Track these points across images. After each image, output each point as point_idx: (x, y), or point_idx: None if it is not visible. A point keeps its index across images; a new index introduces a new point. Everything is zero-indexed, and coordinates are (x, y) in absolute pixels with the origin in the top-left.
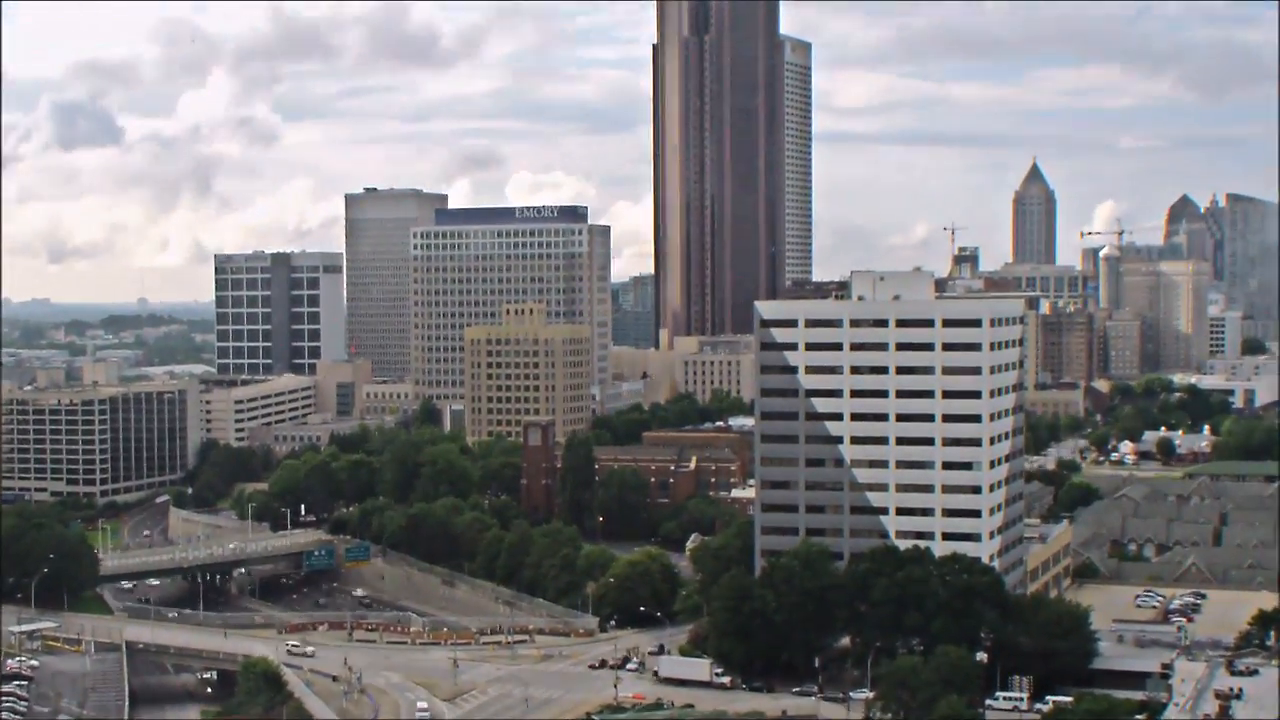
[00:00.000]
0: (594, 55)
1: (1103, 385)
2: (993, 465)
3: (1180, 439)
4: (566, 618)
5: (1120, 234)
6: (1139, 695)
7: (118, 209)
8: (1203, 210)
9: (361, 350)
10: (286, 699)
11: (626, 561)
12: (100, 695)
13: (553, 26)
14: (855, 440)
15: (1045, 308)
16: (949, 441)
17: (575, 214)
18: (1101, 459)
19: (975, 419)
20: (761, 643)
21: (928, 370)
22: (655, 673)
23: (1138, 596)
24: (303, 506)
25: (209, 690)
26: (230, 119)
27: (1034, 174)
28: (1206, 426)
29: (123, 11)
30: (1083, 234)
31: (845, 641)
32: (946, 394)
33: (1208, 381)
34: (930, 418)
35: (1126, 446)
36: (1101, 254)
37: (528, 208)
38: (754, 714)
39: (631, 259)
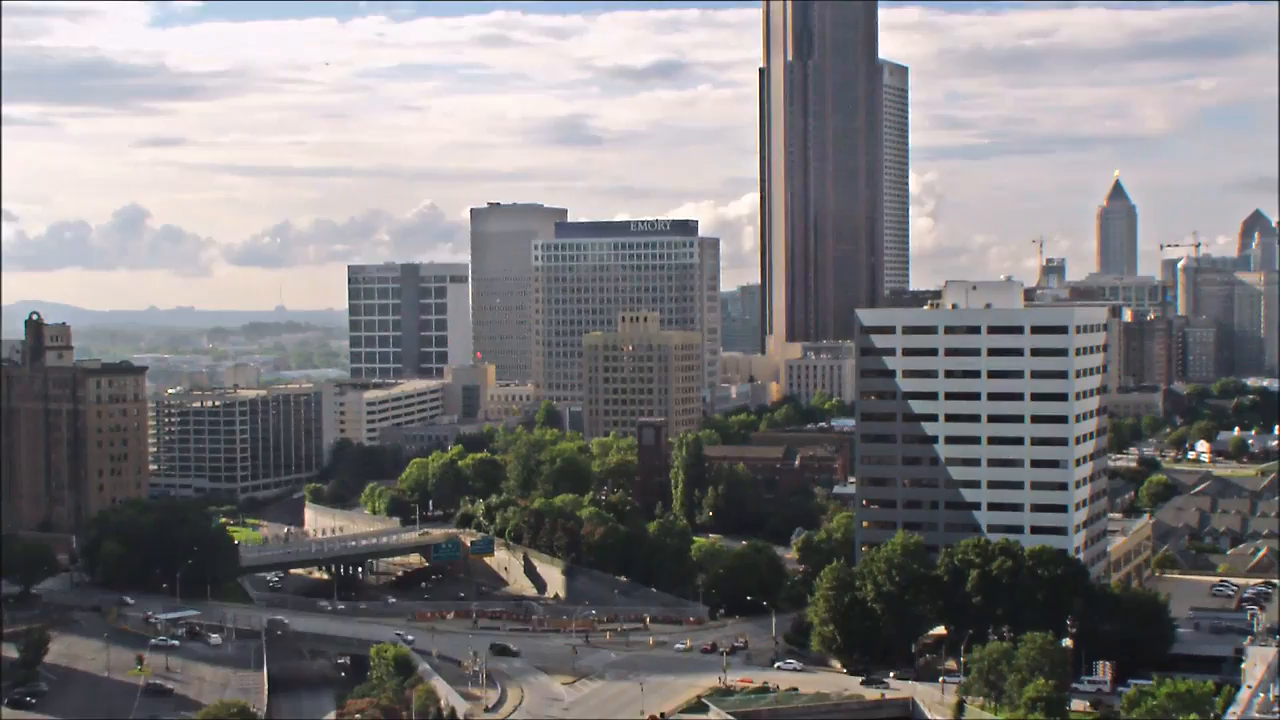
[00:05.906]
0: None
1: (1181, 388)
2: (1079, 463)
3: (1253, 438)
4: (678, 606)
5: (1196, 246)
6: (1214, 679)
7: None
8: (1275, 224)
9: (486, 355)
10: (416, 682)
11: (735, 554)
12: (241, 679)
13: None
14: (950, 440)
15: (1128, 315)
16: (1038, 441)
17: (687, 228)
18: (1180, 457)
19: (1062, 420)
20: (860, 630)
21: (1018, 374)
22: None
23: (1214, 586)
24: (430, 502)
25: (343, 674)
26: None
27: (1117, 189)
28: (1278, 427)
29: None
30: (1162, 246)
31: (940, 629)
32: (1035, 396)
33: None
34: (1020, 419)
35: (1203, 445)
36: (1180, 265)
37: (642, 221)
38: (853, 698)
39: (739, 270)
